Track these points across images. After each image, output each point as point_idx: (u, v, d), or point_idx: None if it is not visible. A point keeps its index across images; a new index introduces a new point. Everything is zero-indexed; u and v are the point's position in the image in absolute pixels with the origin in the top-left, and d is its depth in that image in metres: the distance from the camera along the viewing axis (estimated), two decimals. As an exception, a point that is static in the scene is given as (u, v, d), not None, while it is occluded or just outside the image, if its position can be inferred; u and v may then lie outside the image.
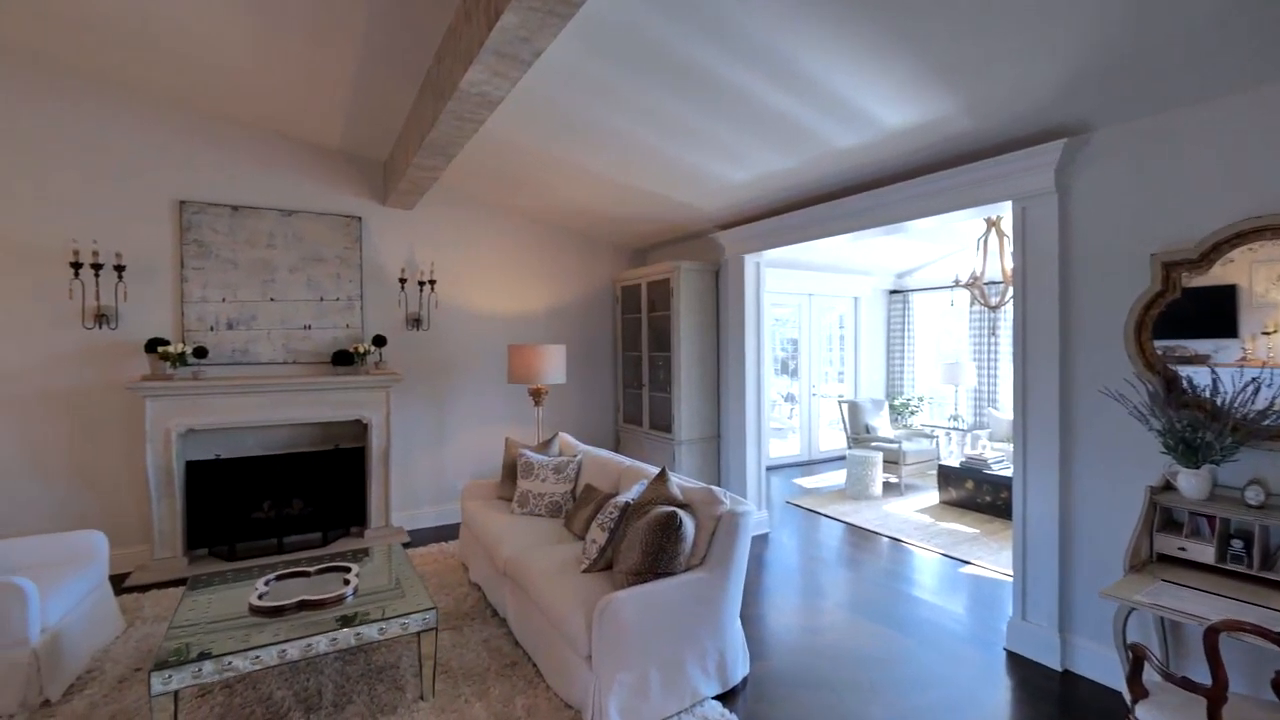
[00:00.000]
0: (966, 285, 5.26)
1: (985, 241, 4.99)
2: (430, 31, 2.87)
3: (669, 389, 5.09)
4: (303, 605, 2.57)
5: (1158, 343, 2.53)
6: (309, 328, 4.57)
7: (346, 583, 2.78)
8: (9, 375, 3.75)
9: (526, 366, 4.54)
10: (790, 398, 8.07)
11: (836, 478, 6.86)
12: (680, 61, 2.68)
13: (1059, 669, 2.82)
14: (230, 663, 2.20)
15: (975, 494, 5.43)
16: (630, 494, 2.93)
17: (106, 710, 2.50)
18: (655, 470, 3.25)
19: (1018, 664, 2.90)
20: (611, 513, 2.81)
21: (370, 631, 2.45)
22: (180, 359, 3.95)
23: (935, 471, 6.06)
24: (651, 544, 2.48)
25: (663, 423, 5.20)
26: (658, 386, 5.31)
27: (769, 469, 7.13)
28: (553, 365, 4.60)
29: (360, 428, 4.68)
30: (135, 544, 4.08)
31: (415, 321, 4.94)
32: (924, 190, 3.36)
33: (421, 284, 4.89)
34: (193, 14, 2.99)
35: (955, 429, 7.17)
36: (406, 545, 4.56)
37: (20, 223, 3.74)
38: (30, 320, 3.78)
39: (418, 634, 2.55)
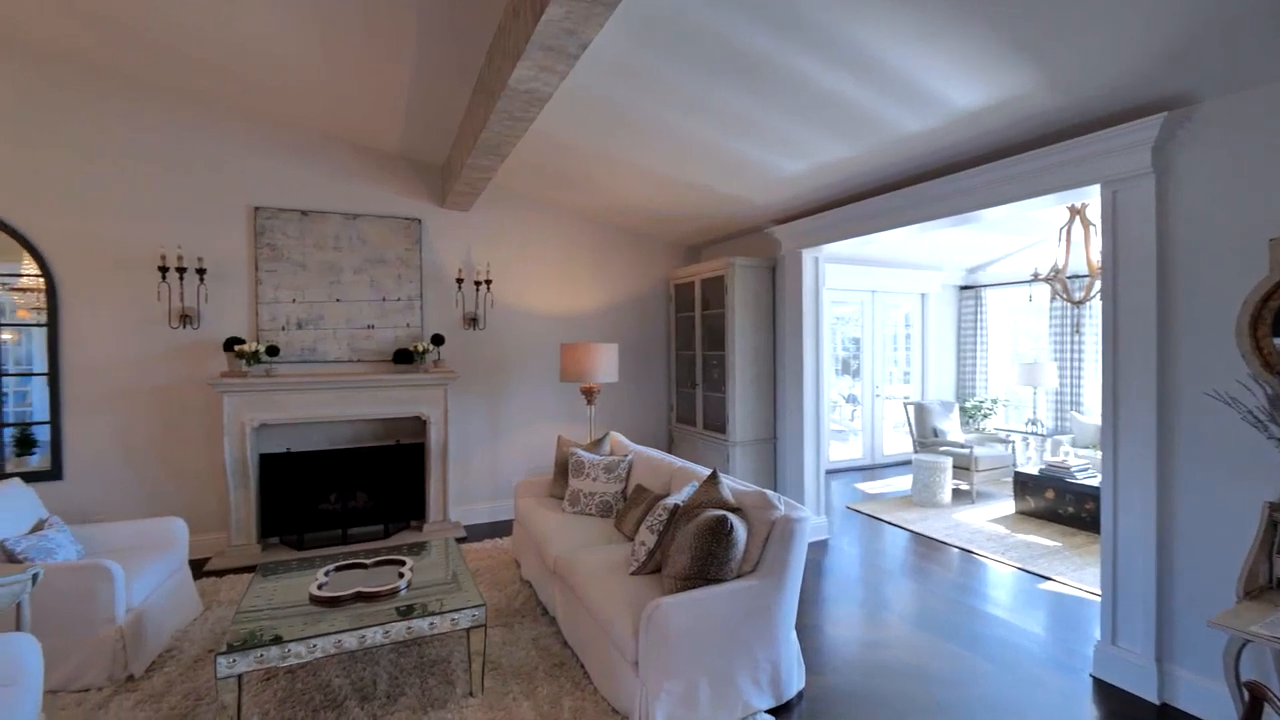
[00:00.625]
0: (1047, 279, 4.88)
1: (1068, 231, 4.61)
2: (481, 31, 2.89)
3: (723, 389, 4.97)
4: (359, 596, 2.64)
5: (1279, 340, 2.23)
6: (372, 327, 4.73)
7: (401, 576, 2.83)
8: (107, 372, 4.06)
9: (578, 365, 4.53)
10: (852, 399, 7.77)
11: (901, 483, 6.54)
12: (731, 48, 2.58)
13: (1156, 702, 2.54)
14: (289, 650, 2.27)
15: (1056, 504, 5.03)
16: (680, 496, 2.86)
17: (182, 688, 2.64)
18: (707, 472, 3.15)
19: (1106, 693, 2.64)
20: (660, 515, 2.74)
21: (421, 625, 2.48)
22: (254, 357, 4.16)
23: (1011, 479, 5.67)
24: (701, 549, 2.39)
25: (717, 423, 5.09)
26: (711, 386, 5.20)
27: (828, 473, 6.89)
28: (604, 364, 4.58)
29: (419, 424, 4.81)
30: (215, 531, 4.33)
31: (472, 321, 5.03)
32: (999, 176, 3.11)
33: (478, 284, 4.97)
34: (263, 29, 3.13)
35: (1033, 434, 6.70)
36: (462, 540, 4.64)
37: (116, 231, 4.04)
38: (125, 321, 4.08)
39: (467, 630, 2.57)
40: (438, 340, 4.76)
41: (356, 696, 2.57)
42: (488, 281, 4.97)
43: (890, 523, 5.13)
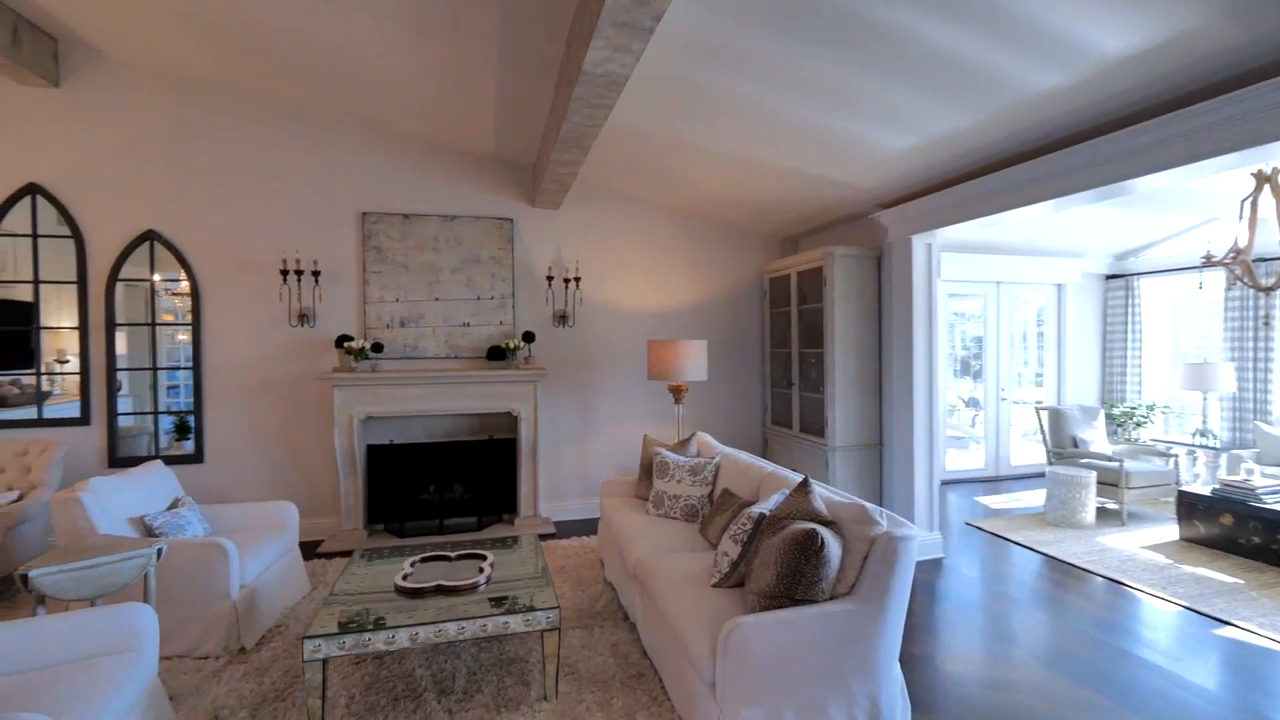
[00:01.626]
0: (1224, 262, 4.07)
1: (1254, 202, 3.81)
2: (558, 22, 2.82)
3: (821, 389, 4.62)
4: (439, 589, 2.66)
5: None
6: (468, 325, 4.87)
7: (481, 571, 2.84)
8: (238, 367, 4.47)
9: (665, 362, 4.39)
10: (973, 403, 7.03)
11: (1031, 499, 5.79)
12: (821, 7, 2.31)
13: (1392, 799, 1.97)
14: (368, 639, 2.32)
15: (1235, 532, 4.20)
16: (768, 504, 2.62)
17: (284, 664, 2.79)
18: (798, 478, 2.89)
19: (1316, 779, 2.09)
20: (745, 524, 2.53)
21: (495, 624, 2.44)
22: (361, 353, 4.41)
23: (1173, 500, 4.82)
24: (787, 565, 2.16)
25: (814, 426, 4.75)
26: (809, 386, 4.86)
27: (944, 484, 6.26)
28: (692, 361, 4.40)
29: (511, 420, 4.89)
30: (328, 515, 4.65)
31: (561, 318, 5.05)
32: (1158, 136, 2.59)
33: (566, 281, 4.98)
34: (370, 47, 3.27)
35: (1203, 447, 5.68)
36: (551, 536, 4.66)
37: (246, 240, 4.44)
38: (252, 320, 4.47)
39: (541, 632, 2.50)
40: (528, 337, 4.81)
41: (435, 689, 2.59)
42: (576, 279, 4.96)
43: (1018, 543, 4.52)
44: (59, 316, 4.22)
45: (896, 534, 2.25)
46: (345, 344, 4.40)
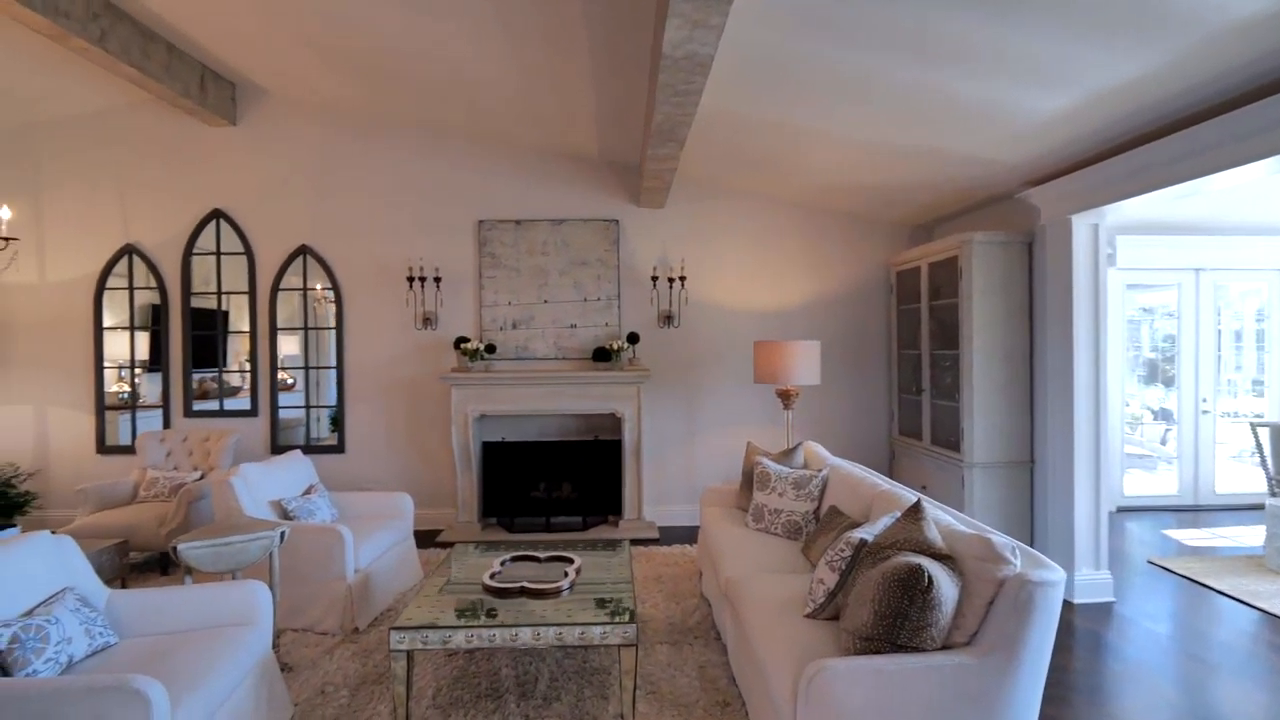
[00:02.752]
0: None
1: None
2: (644, 7, 2.70)
3: (956, 396, 4.05)
4: (523, 590, 2.65)
5: None
6: (574, 326, 4.93)
7: (566, 574, 2.79)
8: (374, 367, 4.89)
9: (772, 365, 4.10)
10: (1164, 415, 5.84)
11: (1245, 536, 4.65)
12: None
13: None
14: (449, 636, 2.35)
15: None
16: (874, 528, 2.29)
17: (388, 648, 2.95)
18: (914, 499, 2.50)
19: None
20: (843, 550, 2.22)
21: (570, 633, 2.37)
22: (475, 354, 4.63)
23: None
24: (887, 605, 1.84)
25: (948, 439, 4.17)
26: (942, 393, 4.29)
27: (1122, 511, 5.25)
28: (803, 364, 4.07)
29: (615, 421, 4.86)
30: (447, 507, 4.93)
31: (667, 319, 4.93)
32: None
33: (671, 281, 4.85)
34: (469, 53, 3.40)
35: None
36: (653, 542, 4.56)
37: (379, 250, 4.85)
38: (384, 324, 4.88)
39: (618, 647, 2.39)
40: (633, 338, 4.76)
41: (517, 691, 2.58)
42: (682, 278, 4.82)
43: (1222, 592, 3.62)
44: (244, 323, 4.90)
45: (1032, 576, 1.83)
46: (461, 345, 4.64)
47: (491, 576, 2.76)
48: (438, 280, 4.79)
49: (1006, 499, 3.90)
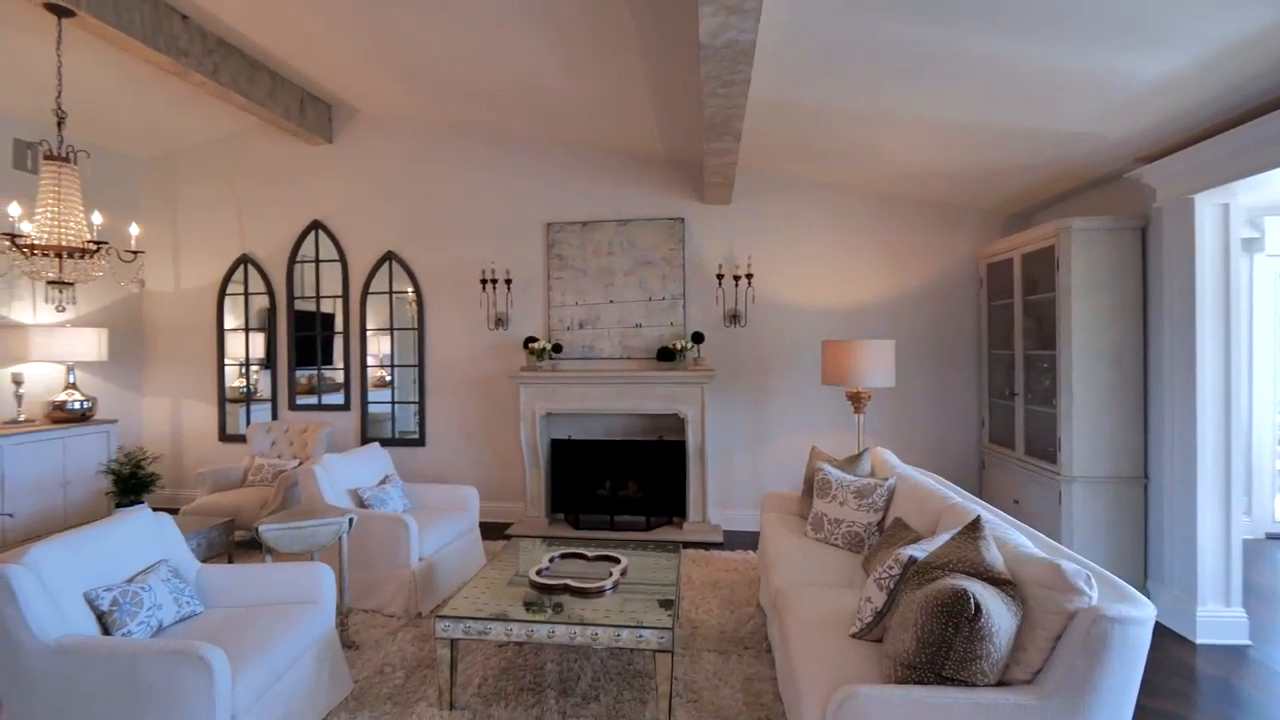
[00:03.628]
0: None
1: None
2: (687, 5, 2.63)
3: (1053, 401, 3.63)
4: (566, 588, 2.67)
5: None
6: (639, 326, 4.93)
7: (610, 574, 2.79)
8: (451, 365, 5.15)
9: (840, 366, 3.87)
10: (1332, 427, 4.92)
11: None
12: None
13: None
14: (489, 628, 2.41)
15: None
16: (929, 545, 2.10)
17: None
18: (990, 517, 2.26)
19: None
20: (892, 567, 2.05)
21: (606, 634, 2.36)
22: (542, 353, 4.74)
23: None
24: (929, 632, 1.67)
25: (1044, 449, 3.76)
26: (1038, 397, 3.87)
27: (1271, 538, 4.49)
28: (875, 364, 3.81)
29: (680, 422, 4.81)
30: (517, 501, 5.09)
31: (733, 318, 4.81)
32: None
33: (737, 278, 4.72)
34: (534, 62, 3.49)
35: None
36: (716, 546, 4.46)
37: (455, 254, 5.10)
38: (460, 325, 5.12)
39: (654, 652, 2.34)
40: (697, 338, 4.68)
41: (558, 687, 2.60)
42: (748, 276, 4.68)
43: (1403, 645, 2.99)
44: (339, 324, 5.33)
45: (1109, 611, 1.59)
46: (529, 345, 4.78)
47: (538, 572, 2.81)
48: (508, 282, 4.96)
49: (1113, 519, 3.44)
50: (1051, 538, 3.56)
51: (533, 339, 4.82)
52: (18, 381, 4.40)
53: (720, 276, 4.74)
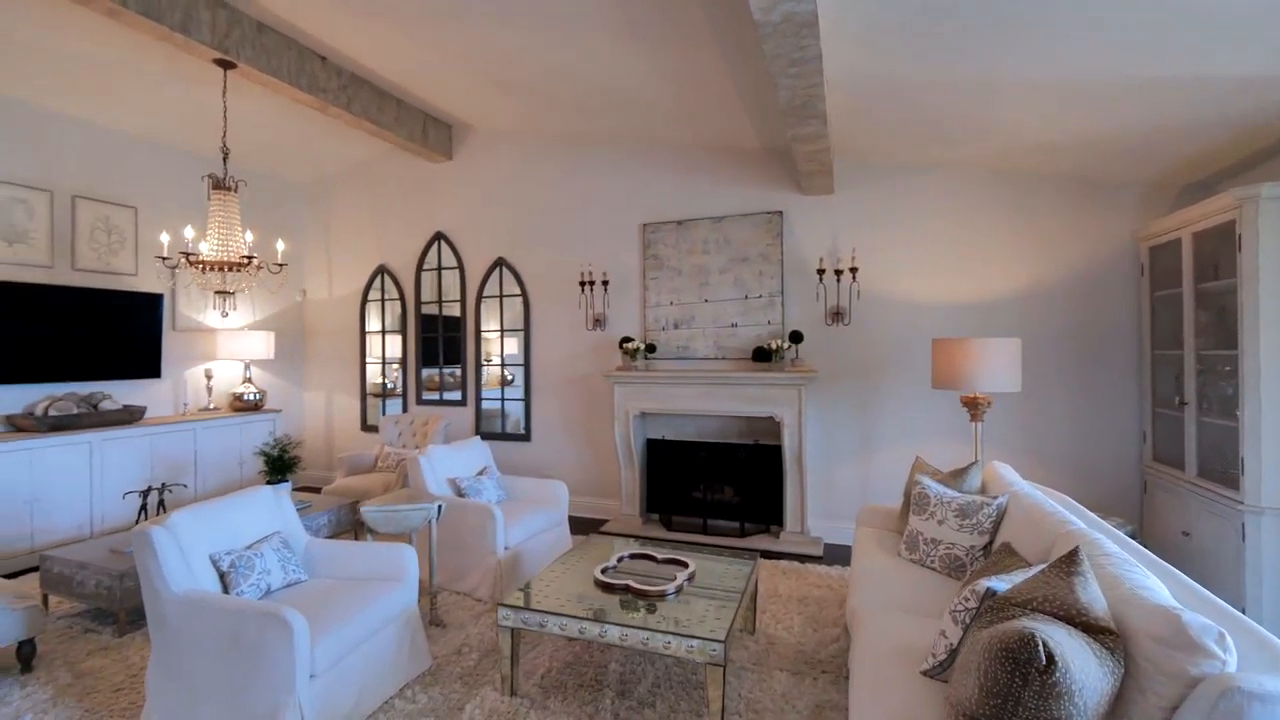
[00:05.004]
0: None
1: None
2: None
3: (1235, 412, 2.94)
4: (627, 589, 2.65)
5: None
6: (735, 325, 4.77)
7: (674, 578, 2.72)
8: (554, 365, 5.36)
9: (953, 367, 3.44)
10: None
11: None
12: None
13: None
14: (542, 622, 2.46)
15: None
16: (1018, 575, 1.79)
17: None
18: (1106, 544, 1.88)
19: None
20: (969, 600, 1.77)
21: (657, 640, 2.29)
22: (635, 353, 4.77)
23: None
24: (992, 680, 1.41)
25: (1222, 471, 3.05)
26: (1216, 408, 3.15)
27: None
28: (994, 366, 3.34)
29: (777, 425, 4.58)
30: (614, 499, 5.17)
31: (836, 315, 4.48)
32: None
33: (839, 273, 4.39)
34: (615, 66, 3.53)
35: None
36: (814, 559, 4.18)
37: (557, 257, 5.30)
38: (562, 325, 5.31)
39: (705, 665, 2.24)
40: (795, 337, 4.43)
41: (616, 689, 2.58)
42: (852, 270, 4.33)
43: None
44: (458, 327, 5.79)
45: (1247, 685, 1.24)
46: (624, 345, 4.83)
47: (604, 571, 2.81)
48: (605, 283, 5.06)
49: (1325, 565, 2.70)
50: (1229, 583, 2.89)
51: (627, 339, 4.86)
52: (209, 376, 5.32)
53: (821, 272, 4.45)
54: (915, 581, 2.63)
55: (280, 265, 4.05)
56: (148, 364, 4.85)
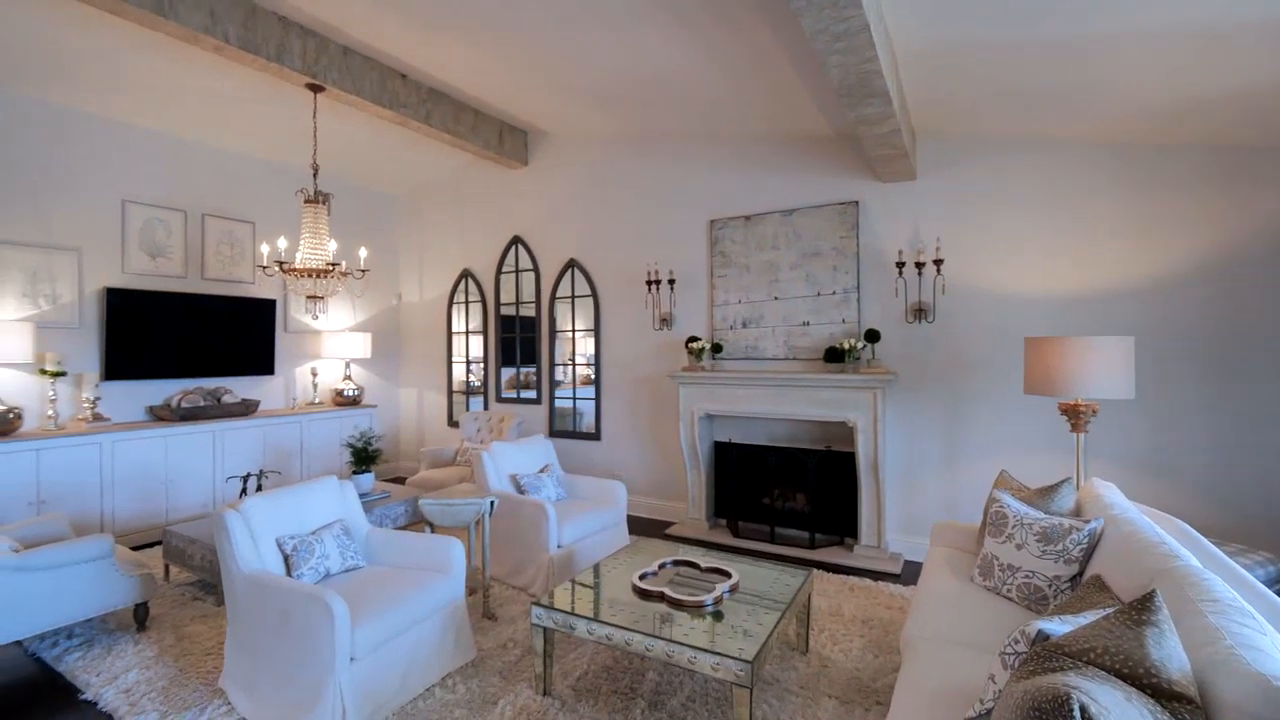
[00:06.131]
0: None
1: None
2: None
3: None
4: (663, 597, 2.57)
5: None
6: (807, 324, 4.52)
7: (713, 588, 2.60)
8: (623, 364, 5.37)
9: (1048, 369, 3.03)
10: None
11: None
12: None
13: None
14: (572, 625, 2.43)
15: None
16: (1081, 619, 1.51)
17: (571, 622, 3.21)
18: (1209, 582, 1.55)
19: None
20: (1018, 642, 1.53)
21: (680, 654, 2.19)
22: (700, 353, 4.65)
23: None
24: (1023, 737, 1.19)
25: None
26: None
27: None
28: (1101, 368, 2.90)
29: (849, 431, 4.28)
30: (681, 501, 5.08)
31: (918, 312, 4.11)
32: None
33: (920, 265, 4.02)
34: (672, 61, 3.46)
35: None
36: (891, 577, 3.86)
37: (625, 257, 5.29)
38: (630, 325, 5.30)
39: (731, 684, 2.11)
40: (871, 336, 4.12)
41: (650, 698, 2.51)
42: (937, 262, 3.95)
43: None
44: (532, 328, 5.97)
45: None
46: (689, 345, 4.72)
47: (641, 577, 2.75)
48: (671, 282, 4.98)
49: None
50: None
51: (693, 338, 4.75)
52: (314, 373, 5.85)
53: (901, 265, 4.09)
54: (985, 612, 2.34)
55: (363, 271, 4.36)
56: (263, 362, 5.42)
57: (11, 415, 3.86)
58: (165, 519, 4.43)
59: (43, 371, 4.12)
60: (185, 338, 4.87)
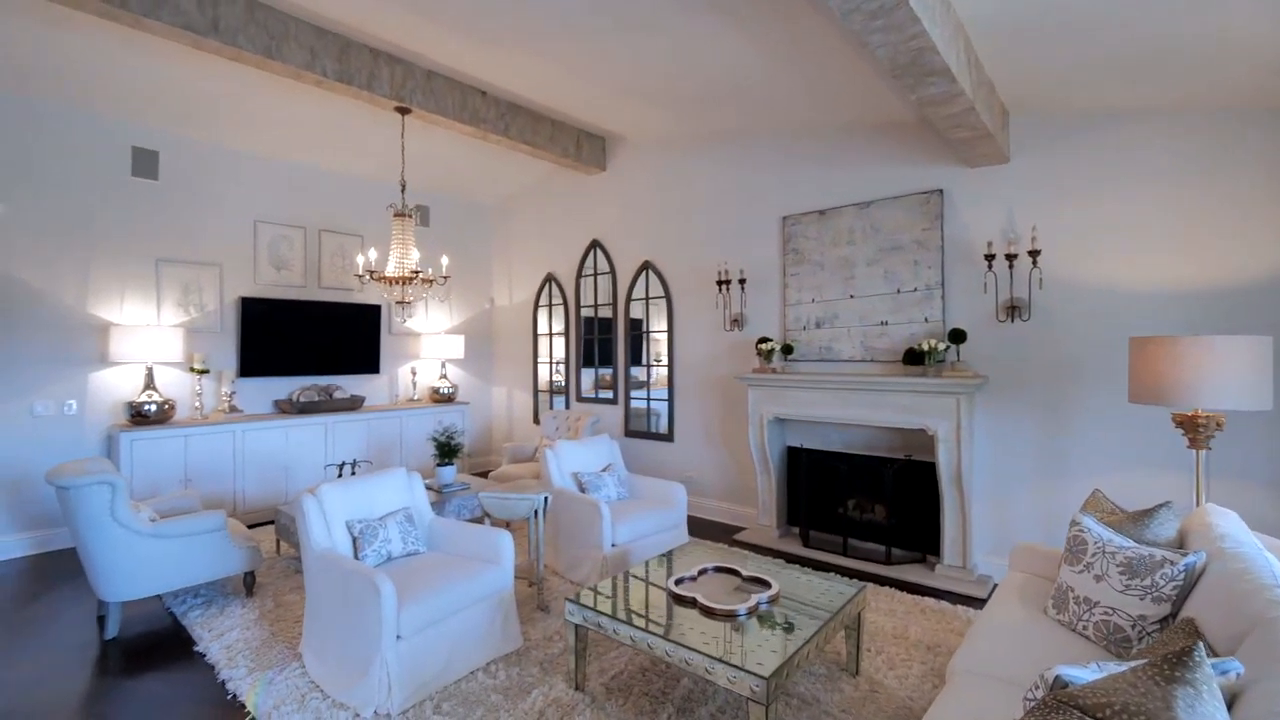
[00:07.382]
0: None
1: None
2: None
3: None
4: (695, 604, 2.53)
5: None
6: (885, 323, 4.23)
7: (748, 599, 2.52)
8: (695, 366, 5.33)
9: (1158, 375, 2.60)
10: None
11: None
12: None
13: None
14: (601, 623, 2.46)
15: None
16: (1112, 668, 1.30)
17: (618, 621, 3.24)
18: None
19: None
20: (1036, 688, 1.34)
21: (699, 663, 2.15)
22: (769, 355, 4.51)
23: None
24: (1003, 795, 1.04)
25: None
26: None
27: None
28: (1228, 374, 2.45)
29: (929, 439, 3.94)
30: (752, 507, 4.95)
31: (1011, 310, 3.70)
32: None
33: (1012, 258, 3.60)
34: (728, 57, 3.40)
35: None
36: (975, 600, 3.52)
37: (697, 258, 5.24)
38: (702, 326, 5.24)
39: (747, 700, 2.03)
40: (956, 336, 3.77)
41: (679, 705, 2.48)
42: (1033, 253, 3.53)
43: None
44: (609, 330, 6.10)
45: None
46: (759, 346, 4.59)
47: (678, 582, 2.72)
48: (742, 282, 4.86)
49: None
50: None
51: (764, 339, 4.61)
52: (414, 372, 6.37)
53: (990, 258, 3.70)
54: (1049, 648, 2.07)
55: (445, 278, 4.68)
56: (369, 362, 5.99)
57: (167, 406, 4.59)
58: (286, 500, 5.04)
59: (191, 369, 4.86)
60: (304, 339, 5.51)
